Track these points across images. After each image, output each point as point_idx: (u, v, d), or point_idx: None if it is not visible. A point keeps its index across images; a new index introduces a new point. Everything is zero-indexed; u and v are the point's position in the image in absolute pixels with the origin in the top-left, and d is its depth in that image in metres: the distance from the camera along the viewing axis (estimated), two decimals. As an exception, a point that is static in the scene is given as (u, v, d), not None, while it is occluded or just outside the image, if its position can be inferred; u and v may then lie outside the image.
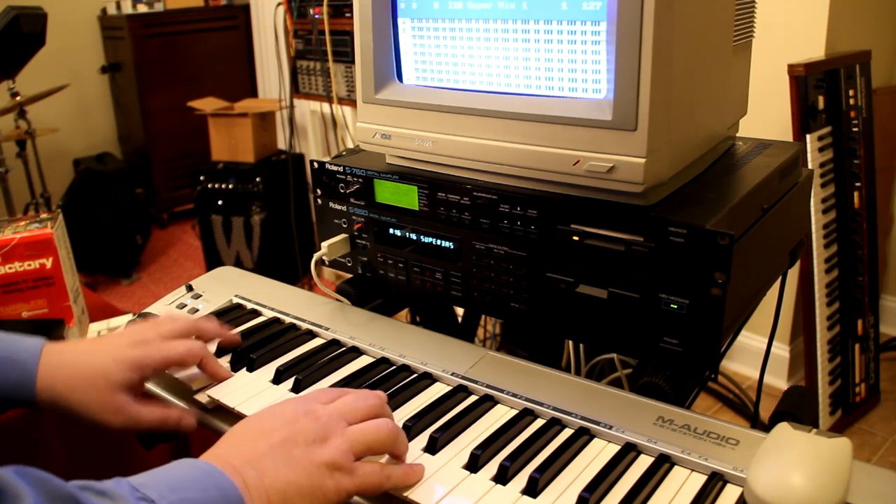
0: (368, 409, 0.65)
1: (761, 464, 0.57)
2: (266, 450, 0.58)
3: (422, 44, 0.84)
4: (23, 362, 0.71)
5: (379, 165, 0.92)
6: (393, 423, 0.65)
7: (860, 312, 2.11)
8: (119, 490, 0.49)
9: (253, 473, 0.56)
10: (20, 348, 0.72)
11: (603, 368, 1.47)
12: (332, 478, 0.58)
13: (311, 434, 0.60)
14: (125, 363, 0.72)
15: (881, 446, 2.04)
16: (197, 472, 0.55)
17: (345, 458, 0.59)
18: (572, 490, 0.61)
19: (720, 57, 0.81)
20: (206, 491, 0.53)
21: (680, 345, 0.71)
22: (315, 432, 0.60)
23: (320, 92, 2.54)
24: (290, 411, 0.62)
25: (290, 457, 0.58)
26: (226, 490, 0.53)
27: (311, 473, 0.57)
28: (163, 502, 0.50)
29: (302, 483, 0.57)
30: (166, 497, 0.50)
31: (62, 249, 1.10)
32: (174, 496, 0.51)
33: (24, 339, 0.73)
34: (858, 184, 2.03)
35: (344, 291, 0.97)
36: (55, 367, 0.71)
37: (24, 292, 1.07)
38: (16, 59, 2.73)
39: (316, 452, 0.59)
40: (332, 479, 0.58)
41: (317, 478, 0.57)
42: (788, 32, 2.00)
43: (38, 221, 1.11)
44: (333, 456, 0.59)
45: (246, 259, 3.12)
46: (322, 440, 0.60)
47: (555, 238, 0.77)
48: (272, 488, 0.56)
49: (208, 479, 0.54)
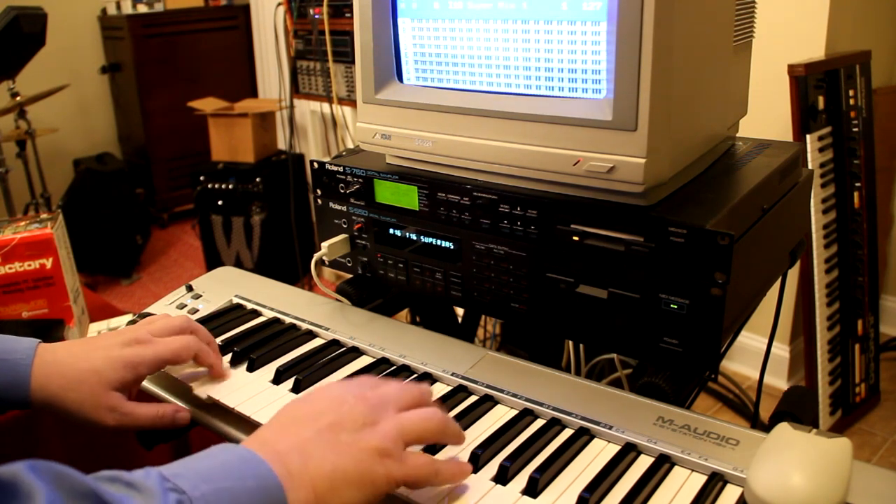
0: (418, 396, 0.63)
1: (761, 464, 0.57)
2: (312, 434, 0.55)
3: (422, 44, 0.84)
4: (17, 363, 0.71)
5: (379, 165, 0.92)
6: (444, 413, 0.62)
7: (860, 312, 2.11)
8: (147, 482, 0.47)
9: (298, 459, 0.53)
10: (15, 349, 0.72)
11: (603, 368, 1.47)
12: (382, 464, 0.55)
13: (361, 418, 0.57)
14: (118, 362, 0.72)
15: (881, 446, 2.04)
16: (234, 459, 0.52)
17: (395, 444, 0.57)
18: (572, 490, 0.61)
19: (720, 57, 0.81)
20: (243, 480, 0.50)
21: (680, 345, 0.71)
22: (364, 416, 0.58)
23: (320, 92, 2.54)
24: (338, 394, 0.60)
25: (338, 442, 0.55)
26: (265, 479, 0.51)
27: (359, 460, 0.55)
28: (195, 493, 0.47)
29: (350, 469, 0.54)
30: (199, 487, 0.48)
31: (62, 249, 1.10)
32: (207, 486, 0.48)
33: (19, 340, 0.73)
34: (858, 184, 2.03)
35: (344, 291, 0.97)
36: (49, 368, 0.71)
37: (24, 292, 1.07)
38: (16, 59, 2.73)
39: (365, 437, 0.56)
40: (381, 466, 0.55)
41: (366, 464, 0.55)
42: (788, 32, 2.00)
43: (38, 221, 1.11)
44: (384, 442, 0.56)
45: (246, 259, 3.12)
46: (372, 424, 0.57)
47: (555, 238, 0.77)
48: (318, 476, 0.53)
49: (246, 467, 0.51)
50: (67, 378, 0.71)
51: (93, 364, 0.71)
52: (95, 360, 0.72)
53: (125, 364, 0.72)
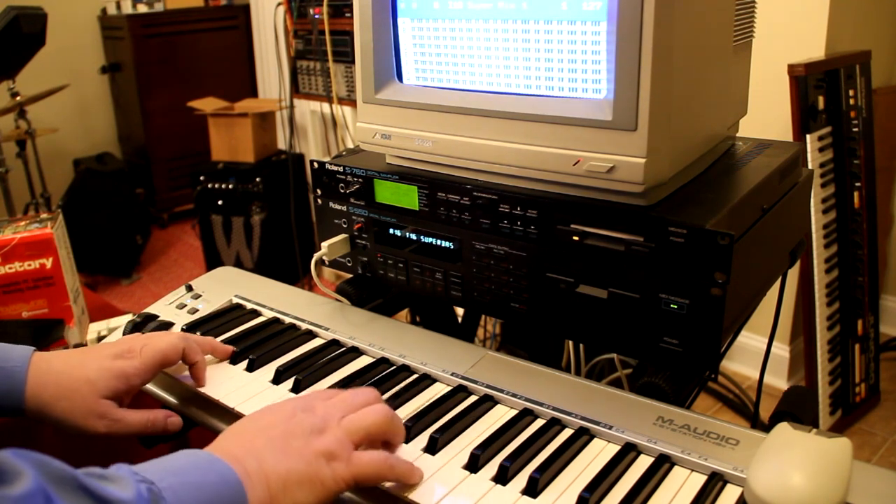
0: (365, 401, 0.67)
1: (761, 464, 0.57)
2: (265, 442, 0.59)
3: (422, 44, 0.84)
4: (13, 371, 0.71)
5: (379, 165, 0.92)
6: (388, 408, 0.66)
7: (860, 312, 2.11)
8: (119, 472, 0.50)
9: (253, 462, 0.57)
10: (9, 357, 0.72)
11: (603, 368, 1.47)
12: (330, 466, 0.59)
13: (309, 427, 0.61)
14: (109, 372, 0.73)
15: (881, 446, 2.04)
16: (196, 459, 0.56)
17: (341, 447, 0.61)
18: (572, 490, 0.61)
19: (720, 57, 0.81)
20: (206, 475, 0.54)
21: (680, 345, 0.71)
22: (312, 425, 0.62)
23: (320, 92, 2.54)
24: (288, 408, 0.64)
25: (289, 447, 0.59)
26: (225, 475, 0.54)
27: (308, 462, 0.59)
28: (163, 483, 0.50)
29: (300, 471, 0.58)
30: (166, 479, 0.51)
31: (62, 249, 1.10)
32: (174, 479, 0.51)
33: (13, 348, 0.73)
34: (858, 184, 2.03)
35: (344, 291, 0.97)
36: (44, 377, 0.72)
37: (24, 292, 1.07)
38: (16, 59, 2.73)
39: (313, 443, 0.60)
40: (329, 468, 0.59)
41: (314, 466, 0.59)
42: (788, 32, 2.00)
43: (38, 221, 1.11)
44: (330, 445, 0.60)
45: (246, 259, 3.12)
46: (319, 432, 0.61)
47: (555, 238, 0.77)
48: (272, 475, 0.57)
49: (208, 465, 0.55)
50: (61, 387, 0.71)
51: (86, 373, 0.72)
52: (89, 369, 0.73)
53: (116, 375, 0.73)
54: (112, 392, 0.73)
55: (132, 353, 0.76)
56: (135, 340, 0.78)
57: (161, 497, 0.49)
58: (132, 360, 0.75)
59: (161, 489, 0.50)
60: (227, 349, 0.84)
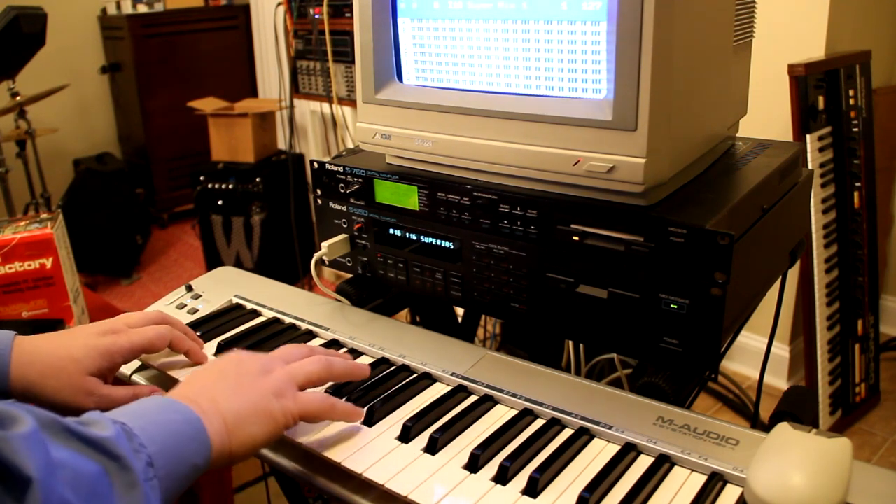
0: (307, 351, 0.74)
1: (761, 464, 0.57)
2: (218, 385, 0.65)
3: (422, 44, 0.84)
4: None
5: (379, 165, 0.92)
6: (325, 358, 0.73)
7: (860, 312, 2.11)
8: (94, 416, 0.54)
9: (207, 401, 0.62)
10: None
11: (603, 368, 1.47)
12: (279, 402, 0.66)
13: (256, 369, 0.68)
14: (95, 350, 0.75)
15: (881, 446, 2.04)
16: (157, 402, 0.61)
17: (287, 386, 0.67)
18: (572, 490, 0.61)
19: (720, 57, 0.81)
20: (168, 414, 0.59)
21: (680, 345, 0.71)
22: (259, 368, 0.68)
23: (320, 92, 2.54)
24: (235, 358, 0.70)
25: (240, 387, 0.65)
26: (185, 413, 0.60)
27: (258, 399, 0.65)
28: (132, 424, 0.55)
29: (251, 407, 0.64)
30: (134, 420, 0.56)
31: (62, 249, 1.10)
32: (141, 420, 0.56)
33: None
34: (858, 184, 2.03)
35: (344, 291, 0.97)
36: (27, 357, 0.73)
37: (24, 292, 1.07)
38: (16, 59, 2.72)
39: (261, 382, 0.67)
40: (278, 404, 0.65)
41: (264, 402, 0.65)
42: (788, 32, 2.00)
43: (38, 221, 1.11)
44: (277, 384, 0.67)
45: (246, 259, 3.12)
46: (266, 373, 0.68)
47: (555, 238, 0.77)
48: (227, 412, 0.62)
49: (169, 407, 0.60)
50: (46, 365, 0.73)
51: (71, 352, 0.74)
52: (73, 348, 0.74)
53: (102, 353, 0.75)
54: (97, 369, 0.75)
55: (117, 332, 0.78)
56: (118, 322, 0.80)
57: (133, 434, 0.54)
58: (117, 339, 0.77)
59: (132, 428, 0.55)
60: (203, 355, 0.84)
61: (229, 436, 0.61)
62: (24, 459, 0.45)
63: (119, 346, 0.76)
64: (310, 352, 0.74)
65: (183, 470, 0.57)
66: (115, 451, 0.51)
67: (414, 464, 0.65)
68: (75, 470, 0.48)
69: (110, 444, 0.51)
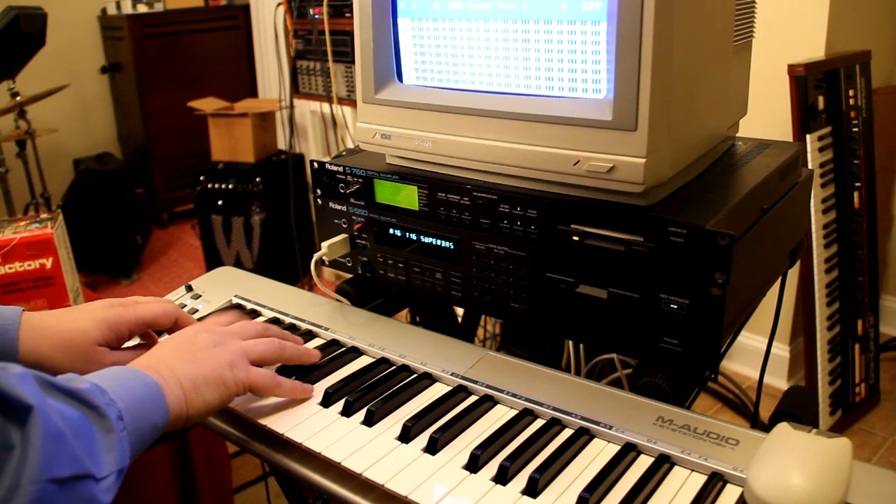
0: (261, 329, 0.79)
1: (761, 464, 0.57)
2: (175, 355, 0.70)
3: (422, 44, 0.84)
4: (4, 328, 0.73)
5: (379, 165, 0.92)
6: (280, 341, 0.78)
7: (860, 312, 2.11)
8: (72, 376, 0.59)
9: (165, 369, 0.67)
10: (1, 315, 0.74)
11: (603, 368, 1.47)
12: (231, 372, 0.71)
13: (211, 342, 0.73)
14: (102, 322, 0.77)
15: (881, 446, 2.04)
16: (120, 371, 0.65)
17: (240, 359, 0.72)
18: (572, 490, 0.61)
19: (720, 57, 0.81)
20: (131, 380, 0.64)
21: (680, 345, 0.71)
22: (214, 340, 0.73)
23: (320, 92, 2.54)
24: (190, 331, 0.75)
25: (196, 357, 0.70)
26: (146, 381, 0.64)
27: (212, 368, 0.70)
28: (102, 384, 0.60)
29: (206, 374, 0.69)
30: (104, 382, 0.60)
31: (62, 249, 1.10)
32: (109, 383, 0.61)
33: (4, 308, 0.76)
34: (858, 184, 2.03)
35: (344, 291, 0.97)
36: (36, 331, 0.74)
37: (24, 292, 1.07)
38: (16, 59, 2.73)
39: (216, 353, 0.72)
40: (231, 373, 0.71)
41: (218, 371, 0.70)
42: (788, 32, 2.00)
43: (38, 221, 1.11)
44: (230, 356, 0.72)
45: (246, 259, 3.12)
46: (221, 345, 0.73)
47: (555, 238, 0.77)
48: (183, 379, 0.67)
49: (131, 374, 0.65)
50: (56, 339, 0.75)
51: (79, 324, 0.76)
52: (81, 321, 0.76)
53: (109, 324, 0.77)
54: (105, 340, 0.77)
55: (125, 306, 0.80)
56: (126, 299, 0.83)
57: (105, 390, 0.59)
58: (125, 311, 0.79)
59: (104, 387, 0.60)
60: None
61: (186, 400, 0.67)
62: (23, 391, 0.51)
63: (126, 318, 0.79)
64: (264, 330, 0.79)
65: (145, 426, 0.62)
66: (92, 402, 0.57)
67: (414, 464, 0.65)
68: (62, 411, 0.54)
69: (88, 395, 0.57)
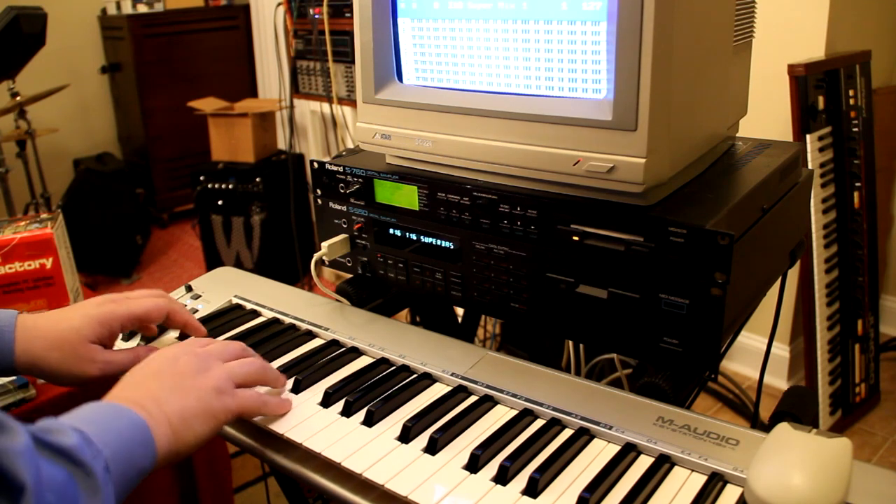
0: (239, 350, 0.75)
1: (761, 464, 0.57)
2: (159, 385, 0.66)
3: (422, 44, 0.84)
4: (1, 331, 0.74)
5: (379, 165, 0.92)
6: (260, 360, 0.76)
7: (860, 312, 2.11)
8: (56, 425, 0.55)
9: (152, 404, 0.63)
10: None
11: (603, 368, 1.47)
12: (220, 400, 0.67)
13: (195, 368, 0.69)
14: (94, 319, 0.77)
15: (881, 446, 2.04)
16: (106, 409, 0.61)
17: (227, 383, 0.69)
18: (572, 490, 0.61)
19: (720, 57, 0.81)
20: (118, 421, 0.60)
21: (680, 345, 0.71)
22: (197, 366, 0.69)
23: (320, 92, 2.54)
24: (170, 354, 0.71)
25: (182, 387, 0.66)
26: (133, 420, 0.61)
27: (200, 398, 0.66)
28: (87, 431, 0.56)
29: (195, 406, 0.65)
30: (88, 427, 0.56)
31: (62, 249, 1.10)
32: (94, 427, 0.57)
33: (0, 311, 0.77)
34: (858, 184, 2.03)
35: (344, 291, 0.97)
36: (31, 332, 0.75)
37: (24, 292, 1.07)
38: (16, 59, 2.73)
39: (201, 381, 0.68)
40: (219, 401, 0.67)
41: (206, 401, 0.66)
42: (788, 32, 2.00)
43: (38, 221, 1.11)
44: (217, 382, 0.68)
45: (246, 259, 3.12)
46: (205, 371, 0.69)
47: (555, 238, 0.77)
48: (171, 414, 0.64)
49: (117, 413, 0.61)
50: (49, 339, 0.75)
51: (71, 323, 0.76)
52: (73, 319, 0.77)
53: (101, 321, 0.77)
54: (97, 337, 0.77)
55: (116, 301, 0.80)
56: (118, 294, 0.83)
57: (91, 440, 0.55)
58: (115, 307, 0.79)
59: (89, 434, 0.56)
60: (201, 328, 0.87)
61: (175, 437, 0.63)
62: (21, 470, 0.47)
63: (117, 313, 0.78)
64: (242, 351, 0.76)
65: (132, 473, 0.58)
66: (79, 459, 0.53)
67: (414, 464, 0.65)
68: (51, 476, 0.50)
69: (75, 453, 0.53)
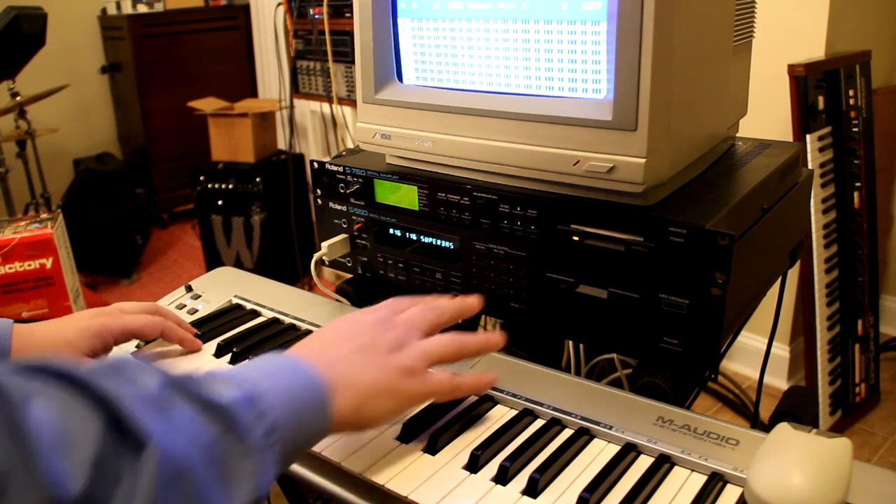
0: (436, 319, 0.70)
1: (761, 464, 0.57)
2: (349, 352, 0.63)
3: (422, 44, 0.84)
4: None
5: (379, 165, 0.92)
6: (460, 337, 0.69)
7: (860, 312, 2.11)
8: (221, 374, 0.52)
9: (342, 370, 0.60)
10: None
11: (603, 368, 1.47)
12: (409, 381, 0.63)
13: (389, 342, 0.65)
14: (88, 331, 0.77)
15: (881, 446, 2.04)
16: (282, 364, 0.58)
17: (419, 364, 0.65)
18: (572, 490, 0.61)
19: (720, 57, 0.81)
20: (293, 378, 0.56)
21: (680, 345, 0.71)
22: (392, 341, 0.65)
23: (320, 92, 2.54)
24: (367, 321, 0.67)
25: (371, 360, 0.63)
26: (310, 381, 0.57)
27: (391, 376, 0.62)
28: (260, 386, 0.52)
29: (382, 384, 0.62)
30: (261, 383, 0.53)
31: (62, 249, 1.10)
32: (267, 383, 0.54)
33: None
34: (858, 184, 2.03)
35: (344, 292, 0.97)
36: (25, 342, 0.75)
37: (24, 292, 1.07)
38: (16, 59, 2.73)
39: (393, 358, 0.64)
40: (408, 383, 0.63)
41: (394, 380, 0.62)
42: (788, 32, 2.00)
43: (38, 221, 1.11)
44: (409, 362, 0.64)
45: (246, 259, 3.12)
46: (399, 348, 0.65)
47: (555, 238, 0.77)
48: (356, 386, 0.60)
49: (293, 370, 0.57)
50: (43, 350, 0.75)
51: (65, 335, 0.76)
52: (67, 331, 0.77)
53: (94, 333, 0.77)
54: (90, 350, 0.77)
55: (110, 315, 0.80)
56: (112, 307, 0.82)
57: (254, 400, 0.51)
58: (110, 321, 0.79)
59: (261, 392, 0.52)
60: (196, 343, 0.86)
61: (354, 410, 0.59)
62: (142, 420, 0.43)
63: (110, 327, 0.78)
64: (437, 318, 0.70)
65: (300, 440, 0.55)
66: (233, 419, 0.48)
67: (414, 464, 0.65)
68: (190, 432, 0.46)
69: (230, 411, 0.49)
